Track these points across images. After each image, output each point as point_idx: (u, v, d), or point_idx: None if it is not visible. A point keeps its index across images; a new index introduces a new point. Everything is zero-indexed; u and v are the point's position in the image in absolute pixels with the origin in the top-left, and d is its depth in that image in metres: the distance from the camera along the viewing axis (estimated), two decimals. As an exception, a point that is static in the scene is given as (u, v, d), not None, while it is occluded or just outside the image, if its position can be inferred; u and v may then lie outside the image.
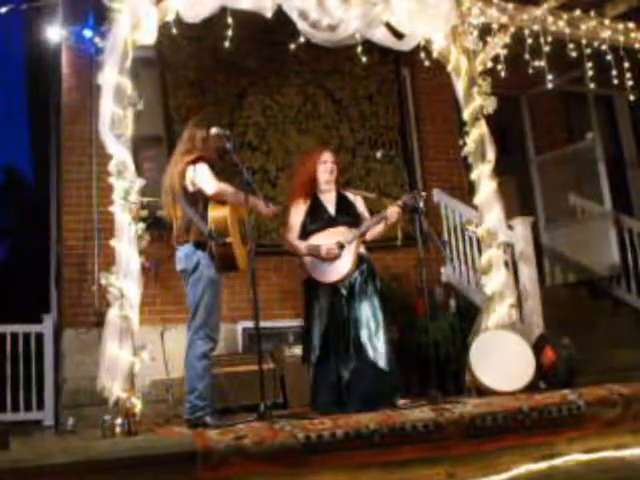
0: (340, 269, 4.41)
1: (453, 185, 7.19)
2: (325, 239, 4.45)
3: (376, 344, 4.30)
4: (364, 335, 4.32)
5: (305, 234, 4.55)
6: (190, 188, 4.02)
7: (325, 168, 4.62)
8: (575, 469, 3.33)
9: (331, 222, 4.53)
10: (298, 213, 4.61)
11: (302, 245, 4.52)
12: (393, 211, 4.49)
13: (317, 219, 4.56)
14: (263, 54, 6.85)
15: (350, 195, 4.74)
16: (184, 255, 4.02)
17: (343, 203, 4.65)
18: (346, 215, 4.58)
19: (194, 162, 4.01)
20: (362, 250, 4.56)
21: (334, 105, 7.19)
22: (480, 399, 4.30)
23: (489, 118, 5.33)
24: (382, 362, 4.27)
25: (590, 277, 7.28)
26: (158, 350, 5.02)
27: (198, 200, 4.00)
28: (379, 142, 7.19)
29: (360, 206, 4.70)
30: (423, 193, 4.64)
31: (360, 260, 4.47)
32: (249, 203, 4.04)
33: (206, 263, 3.94)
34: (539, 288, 5.61)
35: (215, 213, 3.96)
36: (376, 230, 4.55)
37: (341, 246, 4.41)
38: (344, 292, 4.42)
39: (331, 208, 4.61)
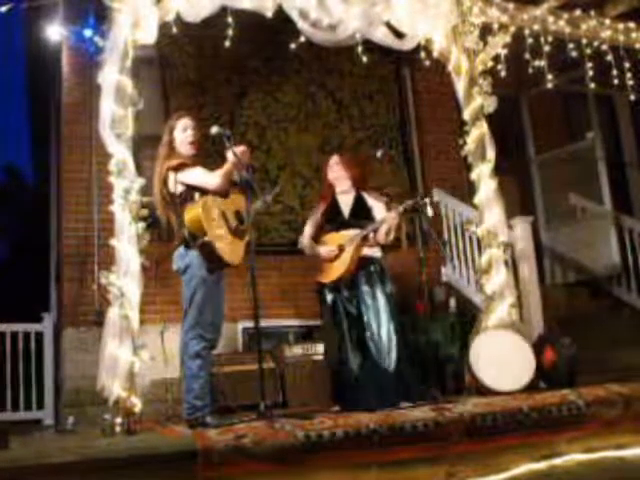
0: (336, 269, 4.55)
1: (453, 185, 7.18)
2: (335, 239, 4.61)
3: (379, 345, 4.36)
4: (367, 335, 4.41)
5: (321, 233, 4.73)
6: (172, 190, 4.00)
7: (332, 174, 4.79)
8: (575, 469, 3.33)
9: (344, 224, 4.66)
10: (315, 215, 4.81)
11: (310, 245, 4.71)
12: (389, 216, 4.57)
13: (331, 220, 4.72)
14: (263, 53, 6.85)
15: (370, 199, 4.77)
16: (178, 255, 4.03)
17: (359, 206, 4.73)
18: (361, 218, 4.66)
19: (176, 169, 3.97)
20: (370, 252, 4.62)
21: (334, 104, 7.19)
22: (480, 399, 4.30)
23: (489, 118, 5.33)
24: (385, 363, 4.32)
25: (590, 277, 7.28)
26: (158, 349, 5.02)
27: (177, 204, 3.98)
28: (379, 141, 7.20)
29: (378, 211, 4.70)
30: (427, 199, 4.64)
31: (365, 262, 4.57)
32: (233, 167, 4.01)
33: (197, 263, 3.92)
34: (539, 288, 5.62)
35: (189, 215, 3.91)
36: (382, 233, 4.58)
37: (341, 248, 4.55)
38: (345, 293, 4.56)
39: (346, 210, 4.72)
